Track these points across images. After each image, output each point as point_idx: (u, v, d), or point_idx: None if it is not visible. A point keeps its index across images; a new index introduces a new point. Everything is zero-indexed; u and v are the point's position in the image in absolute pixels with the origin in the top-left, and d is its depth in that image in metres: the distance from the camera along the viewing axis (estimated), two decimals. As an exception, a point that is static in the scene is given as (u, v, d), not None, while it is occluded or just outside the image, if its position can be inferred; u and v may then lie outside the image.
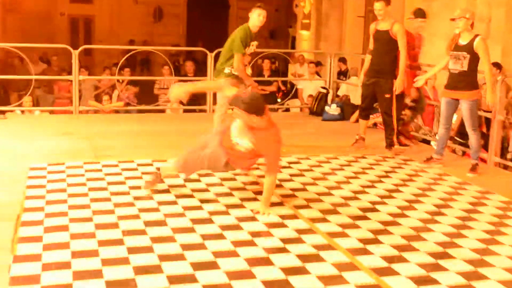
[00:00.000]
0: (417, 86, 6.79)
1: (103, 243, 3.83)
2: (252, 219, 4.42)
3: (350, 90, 10.21)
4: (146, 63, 20.92)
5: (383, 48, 6.68)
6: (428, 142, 7.99)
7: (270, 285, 3.38)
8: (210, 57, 9.24)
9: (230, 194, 4.97)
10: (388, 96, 6.69)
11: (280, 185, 5.32)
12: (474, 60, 5.96)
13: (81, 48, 9.17)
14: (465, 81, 6.02)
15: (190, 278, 3.40)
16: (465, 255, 3.95)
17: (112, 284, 3.30)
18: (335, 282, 3.45)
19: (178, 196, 4.85)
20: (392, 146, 6.83)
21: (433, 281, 3.52)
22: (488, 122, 7.31)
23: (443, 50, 6.29)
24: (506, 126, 7.34)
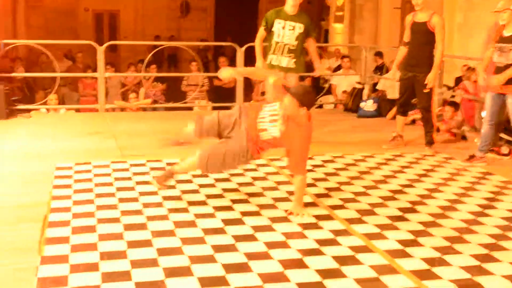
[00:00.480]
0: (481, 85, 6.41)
1: (132, 244, 3.74)
2: (285, 219, 4.28)
3: (388, 86, 9.97)
4: (173, 59, 20.73)
5: (421, 40, 6.45)
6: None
7: (304, 288, 3.23)
8: (239, 52, 9.08)
9: (261, 194, 4.84)
10: (427, 91, 6.47)
11: (314, 184, 5.18)
12: None
13: (106, 45, 9.00)
14: None
15: (222, 281, 3.28)
16: (511, 257, 3.74)
17: (141, 286, 3.21)
18: (374, 286, 3.31)
19: (208, 196, 4.73)
20: (432, 143, 6.60)
21: (477, 285, 3.35)
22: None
23: (482, 40, 6.02)
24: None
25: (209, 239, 3.87)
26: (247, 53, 9.16)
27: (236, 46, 9.19)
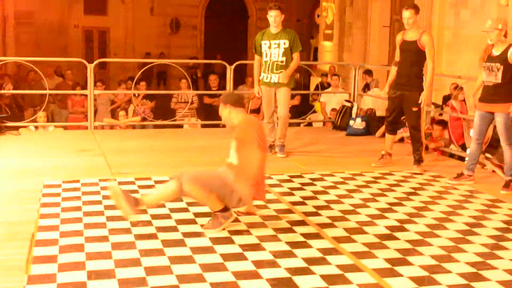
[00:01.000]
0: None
1: (120, 263, 3.71)
2: (274, 238, 4.27)
3: (376, 103, 10.02)
4: (162, 76, 20.74)
5: (410, 59, 6.48)
6: (462, 159, 7.69)
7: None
8: (229, 70, 9.13)
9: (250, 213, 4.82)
10: (415, 110, 6.49)
11: (303, 202, 5.18)
12: (509, 71, 5.74)
13: (96, 62, 9.04)
14: (500, 93, 5.79)
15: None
16: (499, 276, 3.75)
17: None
18: (362, 306, 3.29)
19: (196, 214, 4.70)
20: (421, 162, 6.61)
21: (467, 305, 3.34)
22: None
23: (471, 59, 6.08)
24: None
25: (198, 258, 3.84)
26: (237, 71, 9.21)
27: (226, 64, 9.24)
